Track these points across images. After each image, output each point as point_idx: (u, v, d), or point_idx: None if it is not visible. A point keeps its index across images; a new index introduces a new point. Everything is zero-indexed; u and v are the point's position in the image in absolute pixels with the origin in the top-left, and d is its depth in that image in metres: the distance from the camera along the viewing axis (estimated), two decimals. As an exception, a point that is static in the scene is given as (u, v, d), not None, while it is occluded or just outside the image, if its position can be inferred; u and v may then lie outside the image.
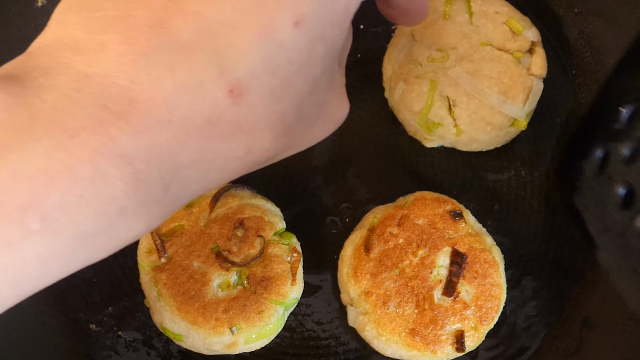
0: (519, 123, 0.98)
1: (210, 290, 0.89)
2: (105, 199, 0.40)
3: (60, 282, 1.03)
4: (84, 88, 0.39)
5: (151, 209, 0.43)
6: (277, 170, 1.04)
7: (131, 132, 0.40)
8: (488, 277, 0.92)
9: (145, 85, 0.40)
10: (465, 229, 0.94)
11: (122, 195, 0.40)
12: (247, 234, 0.91)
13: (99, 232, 0.42)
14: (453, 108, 0.96)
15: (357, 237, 0.95)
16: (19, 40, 1.02)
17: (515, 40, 0.97)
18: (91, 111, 0.38)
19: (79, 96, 0.39)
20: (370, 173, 1.04)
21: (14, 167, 0.36)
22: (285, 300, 0.91)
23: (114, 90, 0.39)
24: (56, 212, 0.38)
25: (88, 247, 0.43)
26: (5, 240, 0.37)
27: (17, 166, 0.36)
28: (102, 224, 0.41)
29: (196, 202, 0.93)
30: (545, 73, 0.99)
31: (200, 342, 0.89)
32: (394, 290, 0.91)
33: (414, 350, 0.90)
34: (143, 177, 0.41)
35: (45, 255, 0.40)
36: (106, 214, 0.41)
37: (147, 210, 0.43)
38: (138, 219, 0.43)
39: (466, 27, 0.98)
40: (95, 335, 0.98)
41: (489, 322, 0.92)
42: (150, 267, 0.90)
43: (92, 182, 0.39)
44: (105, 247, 0.44)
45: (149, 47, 0.40)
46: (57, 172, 0.37)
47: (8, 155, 0.36)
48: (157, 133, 0.41)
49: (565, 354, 0.99)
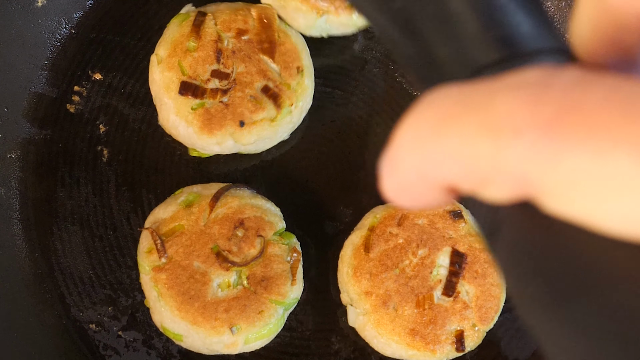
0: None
1: (210, 290, 0.89)
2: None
3: (60, 282, 1.04)
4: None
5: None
6: (277, 170, 1.05)
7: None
8: (488, 277, 0.92)
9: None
10: (465, 229, 0.94)
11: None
12: (247, 234, 0.91)
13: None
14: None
15: (357, 237, 0.95)
16: (19, 40, 1.02)
17: None
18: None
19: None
20: (370, 173, 1.04)
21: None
22: (285, 300, 0.91)
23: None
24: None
25: None
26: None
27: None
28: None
29: (196, 202, 0.93)
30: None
31: (200, 342, 0.89)
32: (394, 290, 0.91)
33: (413, 350, 0.90)
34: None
35: None
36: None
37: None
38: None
39: None
40: (95, 336, 0.98)
41: (488, 322, 0.92)
42: (150, 267, 0.90)
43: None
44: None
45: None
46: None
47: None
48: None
49: (565, 354, 0.99)
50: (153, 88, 0.98)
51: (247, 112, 0.95)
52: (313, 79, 1.00)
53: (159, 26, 1.05)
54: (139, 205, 1.01)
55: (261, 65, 0.96)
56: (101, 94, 1.04)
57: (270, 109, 0.95)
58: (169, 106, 0.96)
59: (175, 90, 0.95)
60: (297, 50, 0.98)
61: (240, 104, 0.95)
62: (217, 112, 0.94)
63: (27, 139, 1.02)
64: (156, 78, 0.97)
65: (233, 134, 0.95)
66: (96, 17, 1.06)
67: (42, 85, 1.04)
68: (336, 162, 1.04)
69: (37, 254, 1.00)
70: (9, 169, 1.01)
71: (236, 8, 0.99)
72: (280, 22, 1.00)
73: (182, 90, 0.94)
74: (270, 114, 0.95)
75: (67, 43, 1.05)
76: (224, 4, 1.01)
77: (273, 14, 0.98)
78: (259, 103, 0.95)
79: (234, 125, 0.94)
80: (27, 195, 1.01)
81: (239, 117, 0.94)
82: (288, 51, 0.97)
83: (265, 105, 0.95)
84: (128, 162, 1.03)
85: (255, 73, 0.96)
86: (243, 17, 0.98)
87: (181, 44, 0.96)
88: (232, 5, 1.01)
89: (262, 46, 0.97)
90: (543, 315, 0.29)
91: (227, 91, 0.95)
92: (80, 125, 1.03)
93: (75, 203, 1.01)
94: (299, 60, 0.97)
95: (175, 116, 0.95)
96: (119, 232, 1.01)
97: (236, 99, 0.95)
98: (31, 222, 1.01)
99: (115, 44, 1.06)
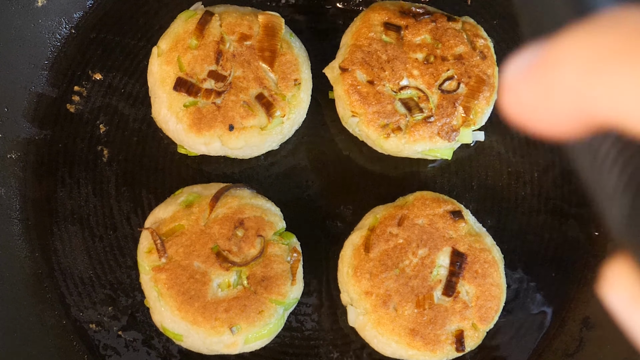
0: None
1: (211, 290, 0.89)
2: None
3: (60, 282, 1.04)
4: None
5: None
6: (277, 170, 1.05)
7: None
8: (488, 277, 0.92)
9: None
10: (465, 229, 0.94)
11: None
12: (247, 233, 0.91)
13: None
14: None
15: (357, 237, 0.95)
16: (19, 40, 1.02)
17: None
18: None
19: None
20: (370, 173, 1.04)
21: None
22: (285, 300, 0.91)
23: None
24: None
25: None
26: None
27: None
28: None
29: (196, 202, 0.93)
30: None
31: (200, 342, 0.89)
32: (394, 290, 0.91)
33: (413, 350, 0.90)
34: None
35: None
36: None
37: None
38: None
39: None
40: (95, 336, 0.98)
41: (488, 322, 0.92)
42: (150, 267, 0.90)
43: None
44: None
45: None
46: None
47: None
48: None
49: (565, 354, 0.99)
50: (150, 80, 0.98)
51: (238, 117, 0.95)
52: (310, 93, 1.00)
53: (159, 26, 1.05)
54: (139, 205, 1.01)
55: (259, 72, 0.96)
56: (101, 94, 1.04)
57: (261, 117, 0.95)
58: (162, 100, 0.96)
59: (170, 84, 0.95)
60: (297, 62, 0.98)
61: (233, 108, 0.95)
62: (208, 112, 0.94)
63: (27, 139, 1.02)
64: (154, 70, 0.97)
65: (221, 136, 0.95)
66: (96, 17, 1.06)
67: (42, 85, 1.04)
68: (336, 162, 1.04)
69: (37, 254, 1.00)
70: (9, 169, 1.01)
71: (244, 13, 0.99)
72: (286, 32, 1.00)
73: (176, 86, 0.94)
74: (261, 122, 0.95)
75: (67, 43, 1.05)
76: (233, 6, 1.01)
77: (280, 23, 0.98)
78: (251, 109, 0.95)
79: (223, 128, 0.94)
80: (27, 195, 1.01)
81: (230, 120, 0.95)
82: (288, 62, 0.97)
83: (257, 112, 0.95)
84: (128, 162, 1.03)
85: (252, 79, 0.96)
86: (249, 22, 0.98)
87: (183, 40, 0.96)
88: (241, 9, 1.01)
89: (263, 54, 0.97)
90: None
91: (221, 93, 0.95)
92: (80, 125, 1.03)
93: (75, 203, 1.01)
94: (297, 73, 0.97)
95: (167, 111, 0.95)
96: (119, 232, 1.01)
97: (229, 103, 0.95)
98: (31, 222, 1.01)
99: (115, 44, 1.06)
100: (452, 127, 0.96)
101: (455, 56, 0.97)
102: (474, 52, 0.98)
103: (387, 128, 0.95)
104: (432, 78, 0.96)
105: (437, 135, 0.95)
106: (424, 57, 0.97)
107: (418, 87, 0.97)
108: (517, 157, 1.05)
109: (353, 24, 1.01)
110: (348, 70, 0.96)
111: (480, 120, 0.98)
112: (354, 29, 1.00)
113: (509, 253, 1.01)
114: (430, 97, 0.96)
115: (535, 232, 1.03)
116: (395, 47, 0.98)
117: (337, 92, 0.99)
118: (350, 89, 0.96)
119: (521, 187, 1.04)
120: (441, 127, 0.96)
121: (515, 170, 1.04)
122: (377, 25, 0.98)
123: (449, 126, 0.96)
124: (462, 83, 0.96)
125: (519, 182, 1.04)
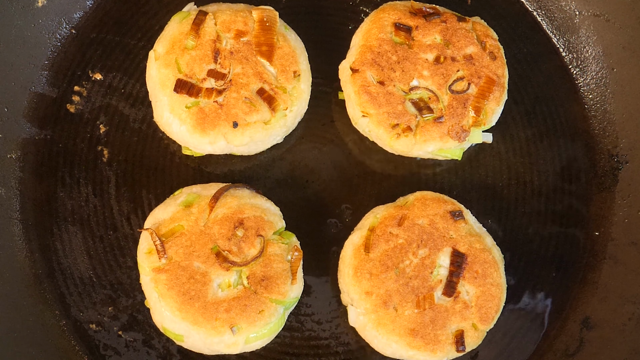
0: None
1: (211, 291, 0.89)
2: None
3: (60, 282, 1.04)
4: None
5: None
6: (277, 170, 1.05)
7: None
8: (488, 277, 0.92)
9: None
10: (465, 229, 0.94)
11: None
12: (247, 233, 0.91)
13: None
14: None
15: (357, 237, 0.95)
16: (19, 40, 1.02)
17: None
18: None
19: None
20: (371, 173, 1.04)
21: None
22: (286, 300, 0.91)
23: None
24: None
25: None
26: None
27: None
28: None
29: (196, 202, 0.93)
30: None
31: (201, 342, 0.89)
32: (395, 290, 0.91)
33: (413, 350, 0.90)
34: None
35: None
36: None
37: None
38: None
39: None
40: (95, 336, 0.98)
41: (489, 322, 0.92)
42: (151, 267, 0.90)
43: None
44: None
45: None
46: None
47: None
48: None
49: (565, 354, 0.99)
50: (149, 84, 0.98)
51: (241, 114, 0.95)
52: (310, 84, 1.00)
53: (159, 26, 1.05)
54: (139, 205, 1.01)
55: (258, 67, 0.97)
56: (101, 94, 1.04)
57: (264, 112, 0.96)
58: (164, 103, 0.96)
59: (170, 87, 0.95)
60: (295, 54, 0.98)
61: (235, 105, 0.95)
62: (211, 111, 0.95)
63: (27, 139, 1.02)
64: (153, 74, 0.97)
65: (226, 134, 0.95)
66: (96, 17, 1.07)
67: (42, 85, 1.04)
68: (336, 162, 1.04)
69: (37, 254, 1.00)
70: (9, 169, 1.01)
71: (237, 9, 0.99)
72: (281, 25, 1.00)
73: (177, 88, 0.94)
74: (265, 117, 0.96)
75: (67, 43, 1.05)
76: (225, 4, 1.01)
77: (275, 17, 0.99)
78: (253, 105, 0.95)
79: (227, 126, 0.95)
80: (27, 195, 1.01)
81: (233, 118, 0.95)
82: (286, 55, 0.98)
83: (260, 107, 0.95)
84: (128, 162, 1.03)
85: (252, 75, 0.96)
86: (243, 18, 0.98)
87: (179, 42, 0.96)
88: (234, 6, 1.01)
89: (261, 48, 0.97)
90: None
91: (222, 91, 0.95)
92: (80, 125, 1.03)
93: (76, 203, 1.01)
94: (296, 65, 0.98)
95: (170, 113, 0.96)
96: (119, 233, 1.01)
97: (231, 100, 0.95)
98: (31, 222, 1.01)
99: (115, 44, 1.06)
100: (463, 127, 0.96)
101: (465, 57, 0.98)
102: (484, 53, 0.98)
103: (397, 128, 0.96)
104: (443, 78, 0.97)
105: (447, 135, 0.96)
106: (434, 58, 0.98)
107: (428, 87, 0.97)
108: (517, 157, 1.05)
109: (363, 24, 1.01)
110: (358, 71, 0.97)
111: (490, 120, 0.98)
112: (364, 30, 1.00)
113: (509, 253, 1.01)
114: (440, 97, 0.97)
115: (535, 232, 1.03)
116: (406, 48, 0.98)
117: (348, 92, 0.99)
118: (361, 90, 0.96)
119: (521, 187, 1.04)
120: (451, 127, 0.96)
121: (515, 170, 1.04)
122: (387, 25, 0.99)
123: (459, 126, 0.96)
124: (472, 83, 0.97)
125: (519, 182, 1.04)
